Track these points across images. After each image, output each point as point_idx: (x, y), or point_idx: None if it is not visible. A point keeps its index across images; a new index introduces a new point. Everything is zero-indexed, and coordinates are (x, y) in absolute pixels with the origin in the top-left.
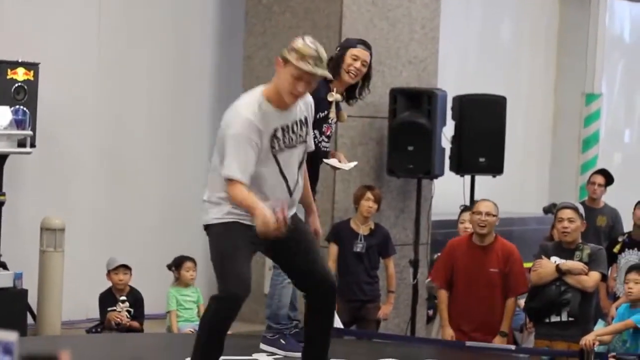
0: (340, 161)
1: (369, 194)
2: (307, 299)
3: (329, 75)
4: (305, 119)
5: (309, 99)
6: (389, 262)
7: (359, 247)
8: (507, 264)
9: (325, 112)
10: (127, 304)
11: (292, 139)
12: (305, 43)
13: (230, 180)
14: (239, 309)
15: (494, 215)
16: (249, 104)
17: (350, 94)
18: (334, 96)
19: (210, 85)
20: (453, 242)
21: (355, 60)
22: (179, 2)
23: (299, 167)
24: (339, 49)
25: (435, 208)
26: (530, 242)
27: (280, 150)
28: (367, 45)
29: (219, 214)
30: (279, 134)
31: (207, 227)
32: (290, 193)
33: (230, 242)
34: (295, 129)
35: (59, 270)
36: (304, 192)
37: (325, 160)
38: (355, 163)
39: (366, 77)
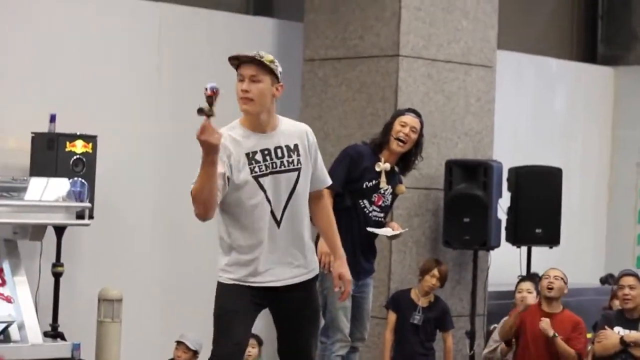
0: (393, 230)
1: (435, 271)
2: None
3: (256, 55)
4: (296, 146)
5: (302, 127)
6: (447, 337)
7: (416, 319)
8: (574, 332)
9: (374, 181)
10: None
11: (275, 164)
12: None
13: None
14: None
15: (562, 280)
16: (224, 129)
17: (404, 164)
18: (381, 166)
19: None
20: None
21: (403, 126)
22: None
23: (291, 195)
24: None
25: (492, 279)
26: (587, 313)
27: (262, 174)
28: (416, 113)
29: (221, 271)
30: (258, 157)
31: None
32: (277, 222)
33: (227, 303)
34: (279, 153)
35: (116, 340)
36: (326, 234)
37: (369, 229)
38: (405, 229)
39: (417, 145)
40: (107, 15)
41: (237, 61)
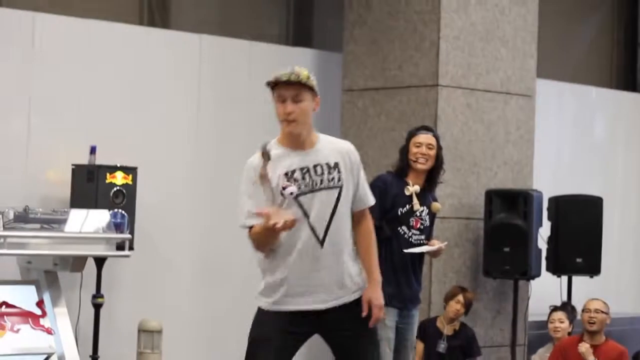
0: (433, 246)
1: (459, 297)
2: None
3: (293, 75)
4: (336, 164)
5: (343, 146)
6: None
7: (441, 347)
8: None
9: (407, 206)
10: None
11: (315, 182)
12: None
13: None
14: None
15: (603, 313)
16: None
17: (431, 181)
18: (410, 189)
19: None
20: (564, 340)
21: (419, 147)
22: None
23: (333, 213)
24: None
25: (532, 309)
26: (629, 343)
27: (300, 193)
28: (428, 129)
29: (259, 295)
30: (297, 175)
31: None
32: (320, 241)
33: (260, 332)
34: (318, 170)
35: None
36: (364, 256)
37: (405, 250)
38: (445, 243)
39: (437, 159)
40: (148, 47)
41: (274, 83)
